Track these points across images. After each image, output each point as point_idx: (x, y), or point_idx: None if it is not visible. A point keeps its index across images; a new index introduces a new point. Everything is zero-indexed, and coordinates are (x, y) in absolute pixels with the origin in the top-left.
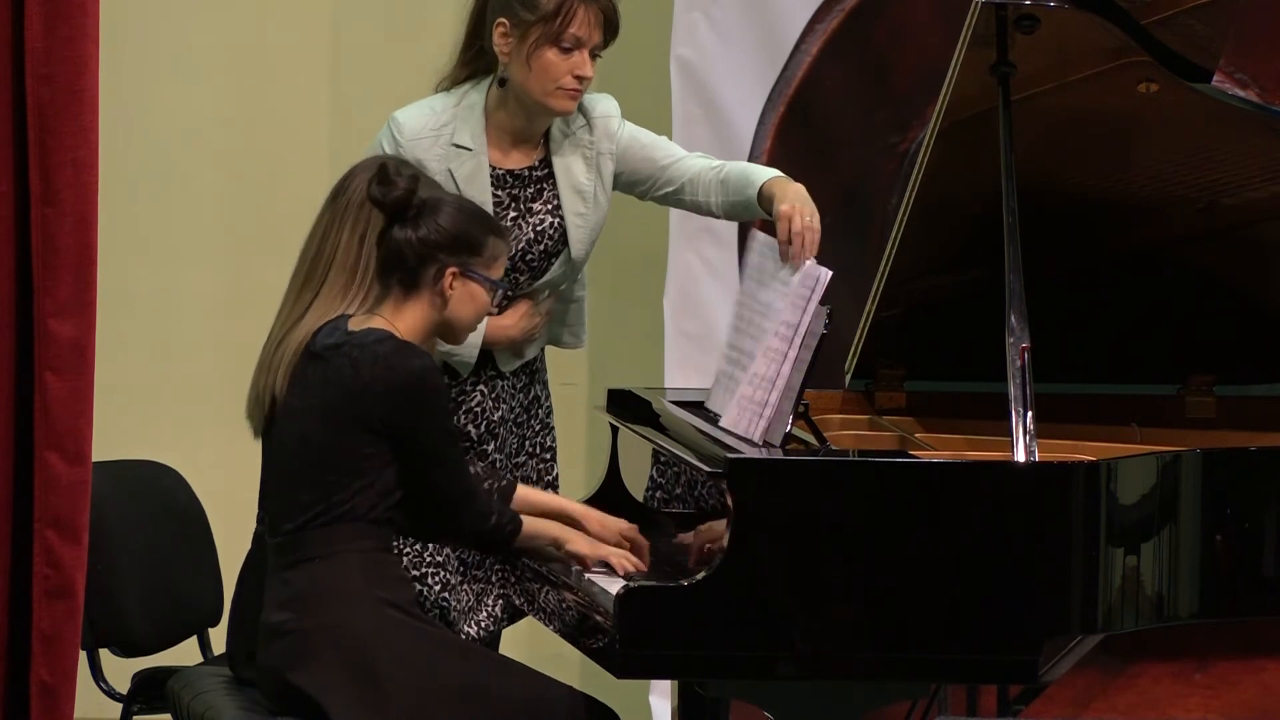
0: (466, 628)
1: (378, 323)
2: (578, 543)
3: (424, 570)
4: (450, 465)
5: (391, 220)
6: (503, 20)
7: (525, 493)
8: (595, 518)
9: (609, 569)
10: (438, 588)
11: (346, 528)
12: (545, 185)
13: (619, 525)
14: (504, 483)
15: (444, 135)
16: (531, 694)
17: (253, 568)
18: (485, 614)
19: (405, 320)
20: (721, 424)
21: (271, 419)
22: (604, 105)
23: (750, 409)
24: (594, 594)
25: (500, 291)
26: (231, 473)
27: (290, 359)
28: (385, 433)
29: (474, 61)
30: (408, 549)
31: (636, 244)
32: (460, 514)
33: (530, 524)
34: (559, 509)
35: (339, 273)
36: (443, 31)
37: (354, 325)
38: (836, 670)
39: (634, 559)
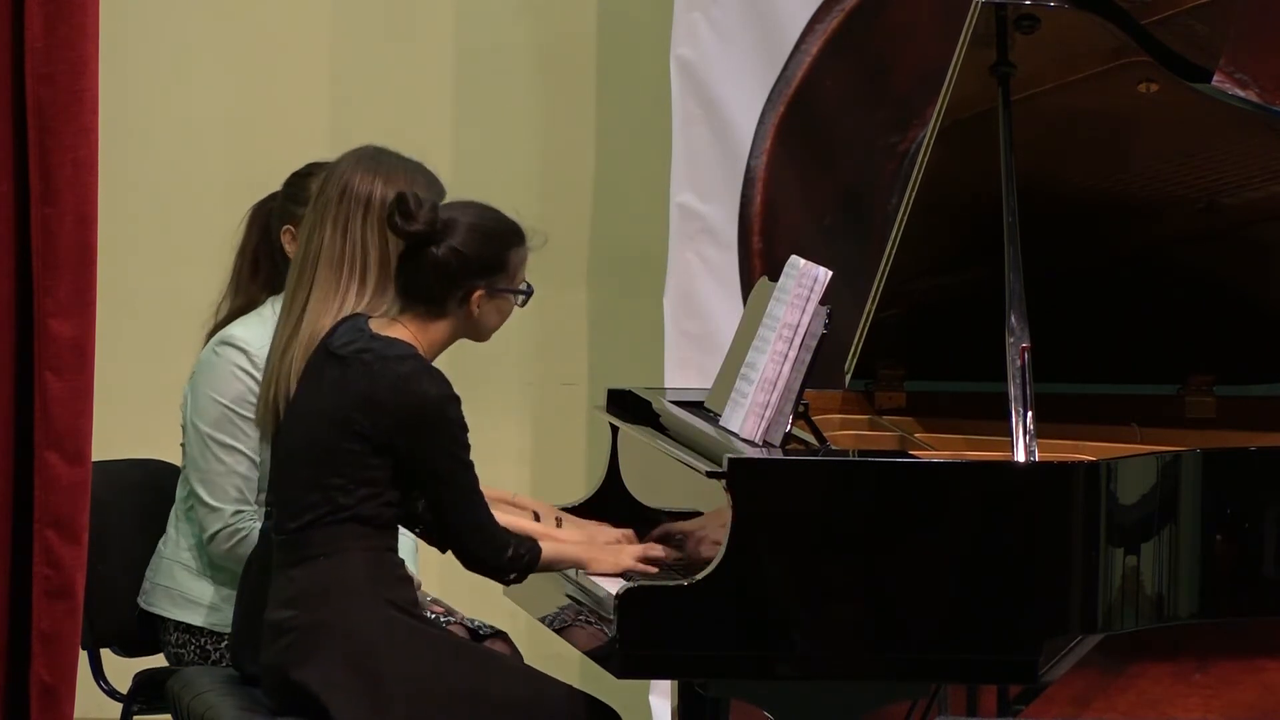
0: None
1: (400, 333)
2: (602, 563)
3: None
4: (460, 492)
5: (412, 247)
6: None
7: (507, 520)
8: (588, 540)
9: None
10: None
11: (351, 527)
12: None
13: (613, 537)
14: None
15: None
16: (531, 694)
17: (257, 567)
18: None
19: (430, 335)
20: (721, 423)
21: (278, 429)
22: None
23: (751, 409)
24: (594, 594)
25: (526, 296)
26: None
27: (300, 364)
28: (393, 451)
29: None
30: None
31: (636, 244)
32: (474, 544)
33: (550, 550)
34: (547, 535)
35: (326, 268)
36: (441, 32)
37: (376, 328)
38: (836, 670)
39: (657, 550)
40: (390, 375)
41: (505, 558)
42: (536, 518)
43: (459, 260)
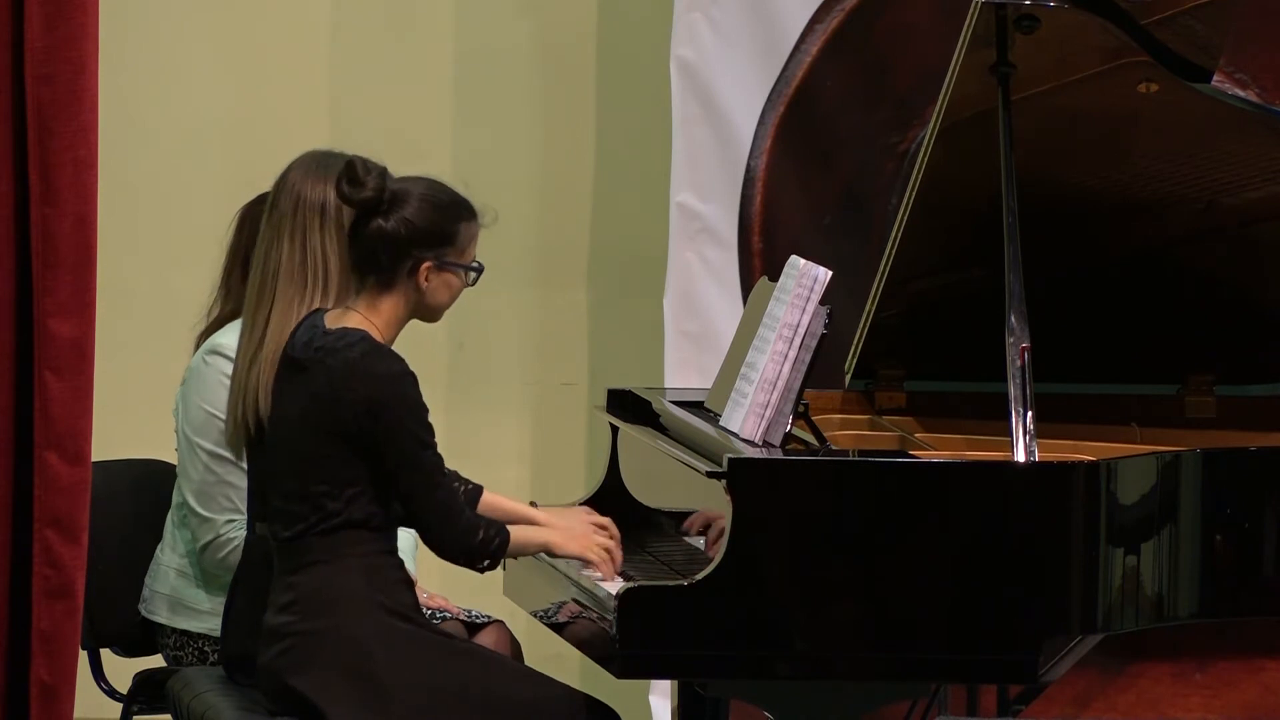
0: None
1: (354, 320)
2: (568, 546)
3: None
4: (424, 474)
5: (362, 217)
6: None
7: (490, 499)
8: (561, 524)
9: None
10: None
11: (346, 534)
12: None
13: (585, 523)
14: (469, 487)
15: None
16: (531, 694)
17: (243, 577)
18: None
19: (382, 314)
20: (721, 423)
21: (255, 441)
22: None
23: (751, 409)
24: (594, 594)
25: (476, 273)
26: None
27: (267, 377)
28: (360, 440)
29: None
30: None
31: (636, 244)
32: (442, 527)
33: (517, 533)
34: (524, 516)
35: (287, 282)
36: (441, 32)
37: (330, 322)
38: (836, 670)
39: (616, 549)
40: (341, 364)
41: (476, 540)
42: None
43: (409, 230)
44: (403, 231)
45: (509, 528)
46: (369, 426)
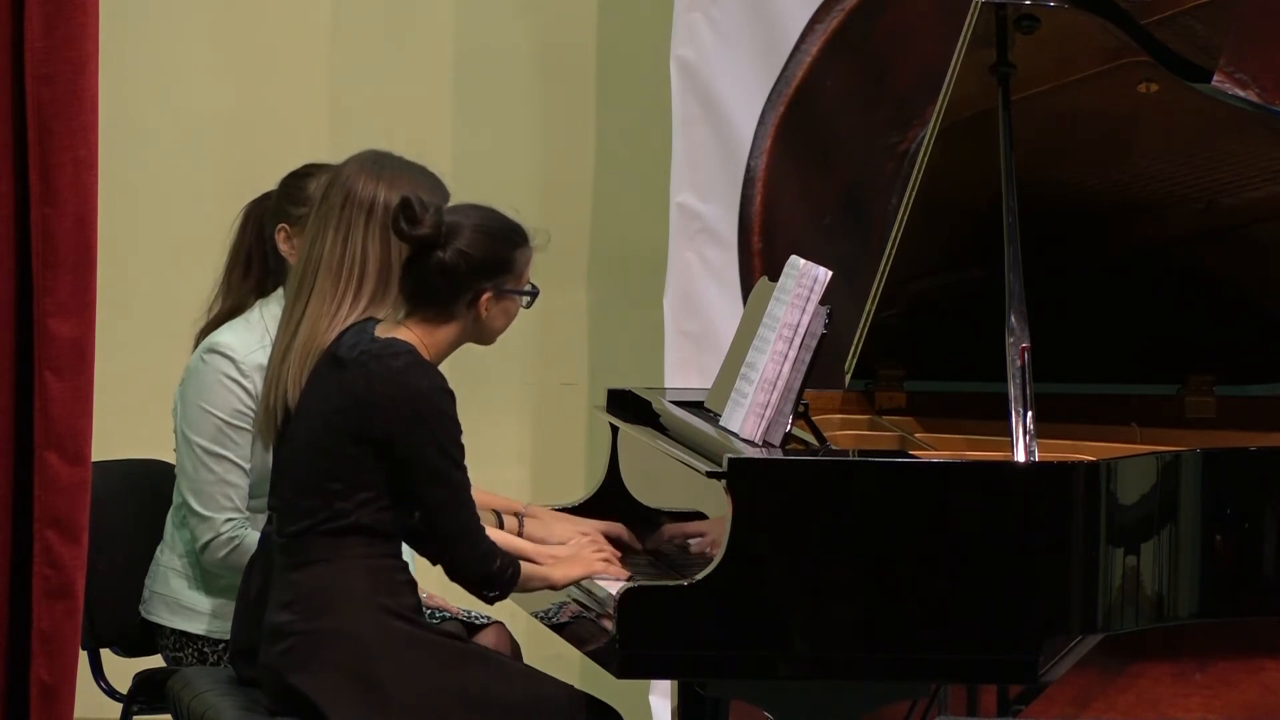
0: None
1: (404, 334)
2: (571, 573)
3: None
4: (453, 491)
5: (418, 252)
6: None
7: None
8: (558, 554)
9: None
10: None
11: (351, 537)
12: None
13: (577, 540)
14: None
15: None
16: (532, 694)
17: (259, 568)
18: None
19: (435, 337)
20: (721, 423)
21: (283, 431)
22: None
23: (751, 409)
24: (594, 594)
25: (531, 297)
26: None
27: (297, 370)
28: (387, 449)
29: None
30: None
31: (636, 244)
32: (462, 547)
33: (526, 569)
34: (515, 547)
35: (325, 273)
36: (441, 32)
37: (380, 332)
38: (836, 670)
39: (613, 554)
40: (383, 371)
41: (493, 567)
42: (499, 520)
43: (466, 263)
44: (461, 265)
45: (520, 563)
46: (400, 437)
